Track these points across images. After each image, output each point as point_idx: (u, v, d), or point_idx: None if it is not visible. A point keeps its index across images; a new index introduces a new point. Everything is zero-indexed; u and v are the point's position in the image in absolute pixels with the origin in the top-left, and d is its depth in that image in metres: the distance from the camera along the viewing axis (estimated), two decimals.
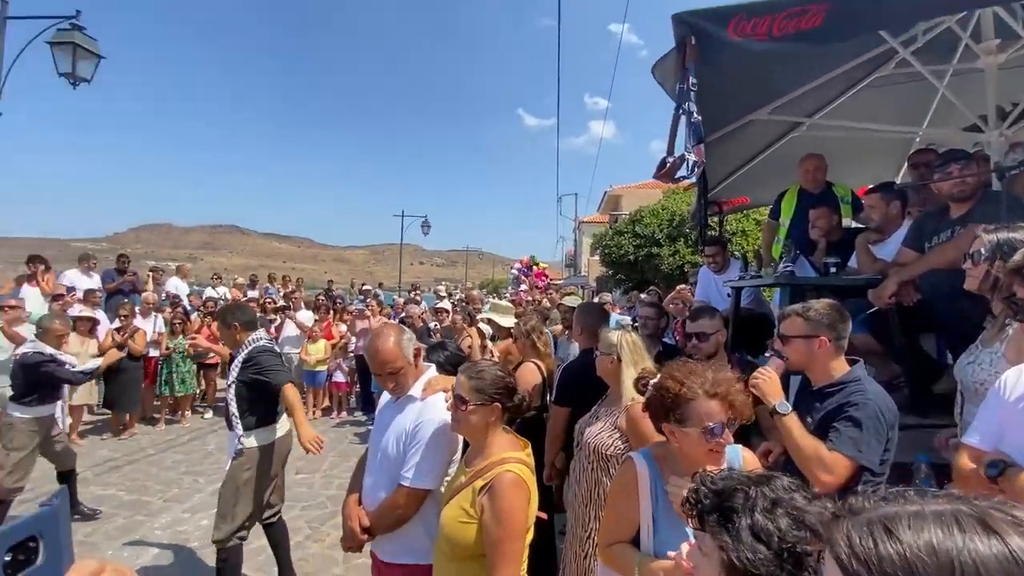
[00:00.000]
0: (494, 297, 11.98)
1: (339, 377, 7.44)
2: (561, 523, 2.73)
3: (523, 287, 18.56)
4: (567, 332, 4.50)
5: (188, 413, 7.04)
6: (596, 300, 6.07)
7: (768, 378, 1.69)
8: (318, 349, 7.14)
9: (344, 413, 7.46)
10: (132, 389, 6.32)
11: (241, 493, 2.72)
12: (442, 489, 1.72)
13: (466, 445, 1.76)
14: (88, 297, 6.53)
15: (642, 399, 1.86)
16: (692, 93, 2.38)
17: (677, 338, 3.79)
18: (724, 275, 4.10)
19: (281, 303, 7.79)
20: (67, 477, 4.04)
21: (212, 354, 6.97)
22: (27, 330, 5.16)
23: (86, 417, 6.45)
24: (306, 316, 7.61)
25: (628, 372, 1.90)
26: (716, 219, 5.24)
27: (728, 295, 3.63)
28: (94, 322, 6.04)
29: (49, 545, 0.58)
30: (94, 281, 7.29)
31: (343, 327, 8.06)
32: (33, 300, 6.15)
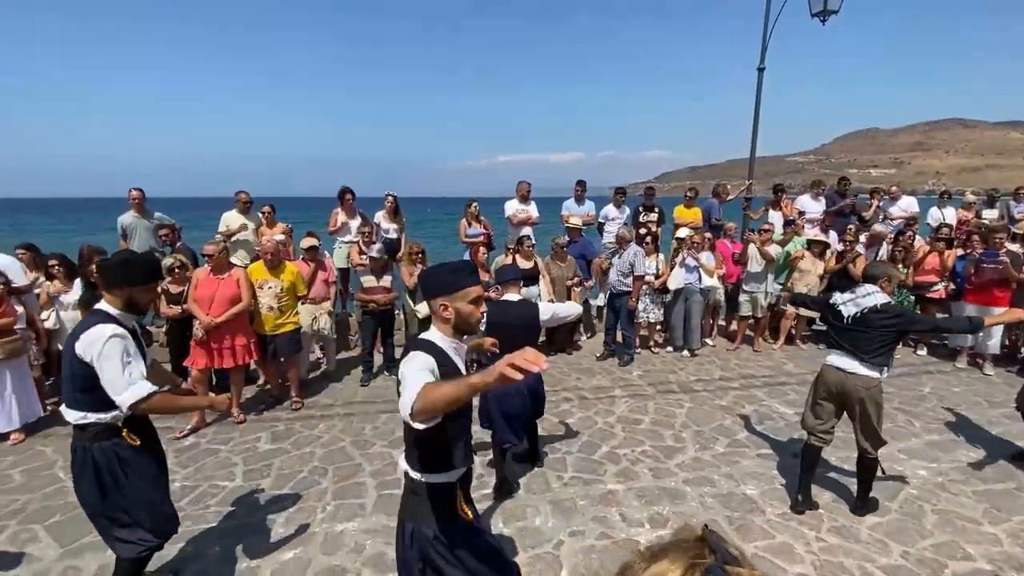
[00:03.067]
0: None
1: None
2: None
3: None
4: None
5: None
6: None
7: None
8: None
9: None
10: None
11: None
12: None
13: None
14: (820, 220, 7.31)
15: None
16: None
17: None
18: None
19: None
20: None
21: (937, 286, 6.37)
22: (775, 250, 6.42)
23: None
24: None
25: None
26: None
27: None
28: (826, 245, 6.73)
29: None
30: (820, 205, 8.03)
31: None
32: (777, 223, 7.55)
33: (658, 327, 6.98)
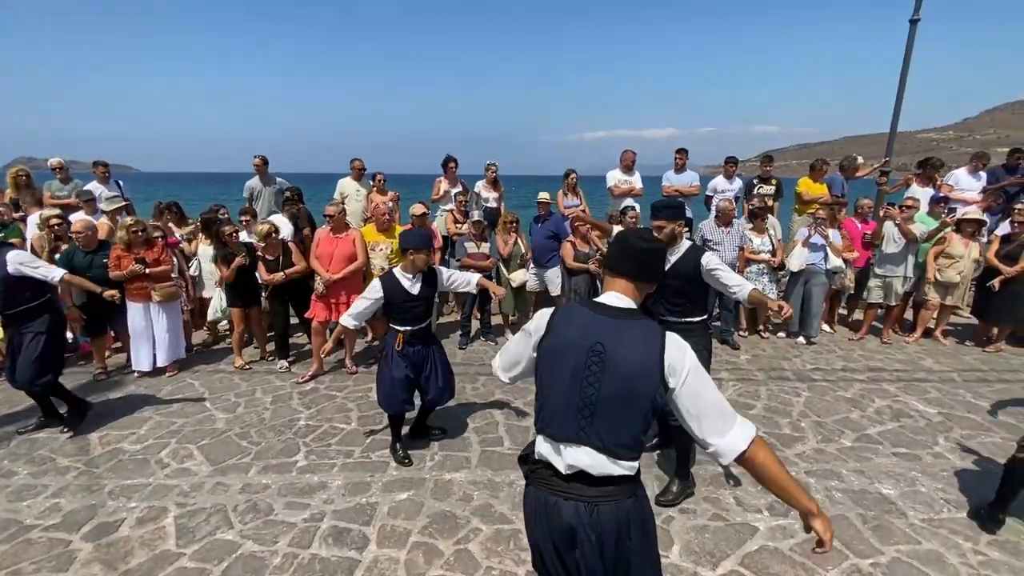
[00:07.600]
0: None
1: None
2: None
3: None
4: None
5: None
6: None
7: None
8: None
9: None
10: None
11: None
12: None
13: None
14: None
15: None
16: None
17: None
18: None
19: None
20: None
21: None
22: (918, 229, 5.62)
23: None
24: None
25: None
26: None
27: None
28: (980, 223, 5.82)
29: None
30: (979, 182, 6.92)
31: None
32: (923, 199, 6.62)
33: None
